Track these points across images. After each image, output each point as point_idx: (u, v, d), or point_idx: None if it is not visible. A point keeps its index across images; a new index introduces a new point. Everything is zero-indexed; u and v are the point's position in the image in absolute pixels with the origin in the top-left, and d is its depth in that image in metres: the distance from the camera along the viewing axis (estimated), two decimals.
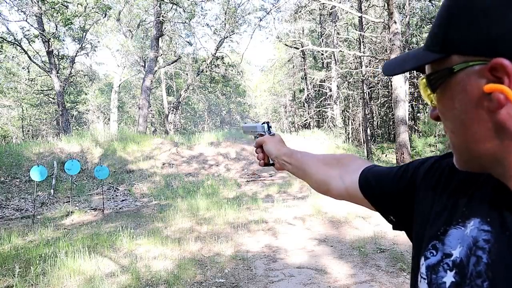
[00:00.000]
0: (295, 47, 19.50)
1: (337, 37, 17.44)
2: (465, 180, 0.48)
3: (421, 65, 0.47)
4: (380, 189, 0.64)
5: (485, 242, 0.40)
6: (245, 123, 1.16)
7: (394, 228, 0.64)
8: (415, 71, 0.53)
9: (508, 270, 0.37)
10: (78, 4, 14.82)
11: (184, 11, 17.09)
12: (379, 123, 25.59)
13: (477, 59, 0.39)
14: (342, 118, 19.90)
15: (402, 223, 0.61)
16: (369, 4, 16.59)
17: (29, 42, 14.19)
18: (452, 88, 0.42)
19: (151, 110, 23.55)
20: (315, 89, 21.85)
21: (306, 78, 21.63)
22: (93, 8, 15.15)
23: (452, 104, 0.42)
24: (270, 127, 1.05)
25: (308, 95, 21.11)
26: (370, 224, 4.87)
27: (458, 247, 0.43)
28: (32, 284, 3.26)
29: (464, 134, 0.42)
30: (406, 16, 15.24)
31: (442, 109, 0.45)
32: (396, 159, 9.77)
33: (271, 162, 0.98)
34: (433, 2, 15.82)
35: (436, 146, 9.99)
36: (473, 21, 0.38)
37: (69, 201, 7.62)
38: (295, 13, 16.16)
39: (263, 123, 1.06)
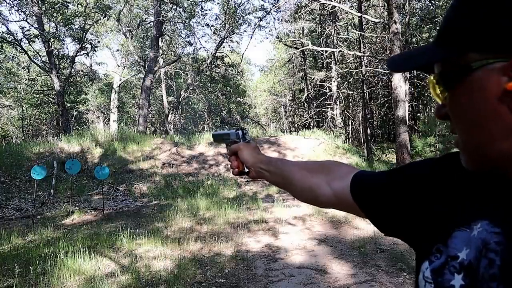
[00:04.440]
0: (295, 47, 19.50)
1: (337, 37, 17.44)
2: (468, 181, 0.47)
3: (434, 61, 0.45)
4: (373, 194, 0.60)
5: (497, 245, 0.39)
6: (215, 131, 1.12)
7: (386, 234, 0.61)
8: (414, 70, 0.51)
9: None
10: (78, 4, 14.82)
11: (184, 11, 17.10)
12: (379, 123, 25.58)
13: (498, 56, 0.37)
14: (342, 118, 19.88)
15: (395, 229, 0.58)
16: (369, 4, 16.58)
17: (29, 42, 14.17)
18: (468, 86, 0.40)
19: (151, 110, 23.54)
20: (315, 89, 21.84)
21: (306, 78, 21.62)
22: (93, 8, 15.15)
23: (468, 102, 0.41)
24: (246, 133, 1.00)
25: (308, 95, 21.11)
26: (370, 224, 4.83)
27: (464, 250, 0.42)
28: (32, 284, 3.26)
29: (479, 133, 0.41)
30: (406, 16, 15.24)
31: (455, 107, 0.43)
32: (396, 159, 9.77)
33: (246, 170, 0.93)
34: (433, 2, 15.81)
35: (436, 146, 9.99)
36: (493, 16, 0.36)
37: (69, 201, 7.61)
38: (295, 13, 16.16)
39: (237, 129, 1.00)
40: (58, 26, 15.02)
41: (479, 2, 0.38)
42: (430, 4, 16.51)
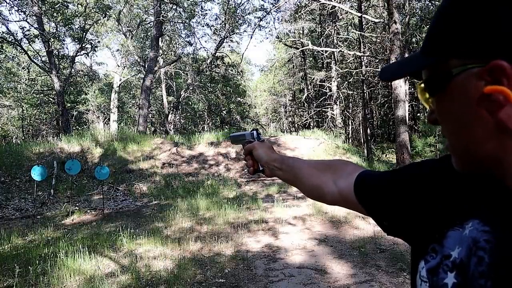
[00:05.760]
0: (295, 47, 19.50)
1: (337, 37, 17.44)
2: (462, 182, 0.48)
3: (419, 69, 0.47)
4: (374, 193, 0.63)
5: (486, 243, 0.40)
6: (232, 133, 1.15)
7: (388, 234, 0.62)
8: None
9: (511, 270, 0.37)
10: (78, 4, 14.82)
11: (184, 11, 17.10)
12: (379, 123, 25.58)
13: (475, 62, 0.39)
14: (342, 118, 19.88)
15: (396, 229, 0.59)
16: (369, 4, 16.57)
17: (29, 42, 14.17)
18: (451, 91, 0.42)
19: (151, 110, 23.53)
20: (315, 89, 21.85)
21: (306, 78, 21.63)
22: (93, 8, 15.15)
23: (452, 106, 0.43)
24: (259, 134, 1.05)
25: (308, 95, 21.11)
26: (370, 224, 4.87)
27: (456, 248, 0.43)
28: (32, 284, 3.26)
29: (465, 136, 0.42)
30: (406, 16, 15.23)
31: (441, 112, 0.45)
32: (396, 159, 9.77)
33: (260, 168, 0.97)
34: (433, 2, 15.81)
35: (436, 146, 9.99)
36: (470, 24, 0.38)
37: (69, 201, 7.62)
38: (295, 13, 16.16)
39: (252, 130, 1.06)
40: (58, 26, 15.03)
41: (457, 9, 0.40)
42: (430, 4, 16.50)
